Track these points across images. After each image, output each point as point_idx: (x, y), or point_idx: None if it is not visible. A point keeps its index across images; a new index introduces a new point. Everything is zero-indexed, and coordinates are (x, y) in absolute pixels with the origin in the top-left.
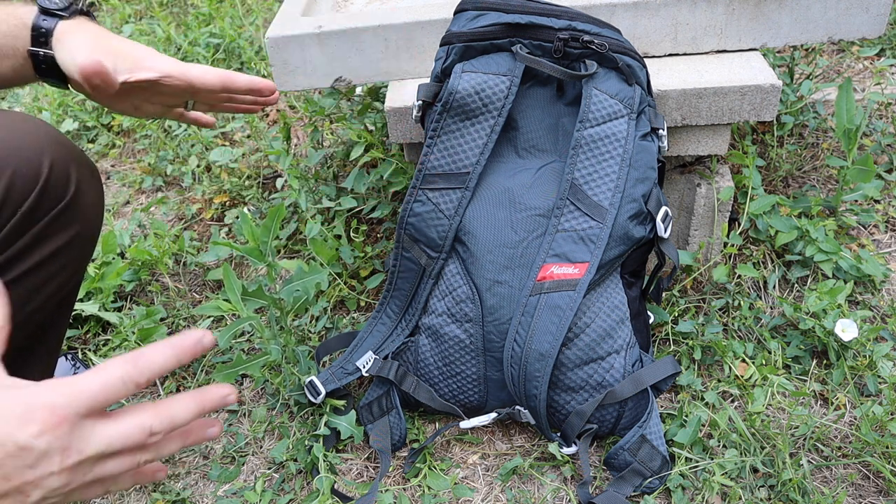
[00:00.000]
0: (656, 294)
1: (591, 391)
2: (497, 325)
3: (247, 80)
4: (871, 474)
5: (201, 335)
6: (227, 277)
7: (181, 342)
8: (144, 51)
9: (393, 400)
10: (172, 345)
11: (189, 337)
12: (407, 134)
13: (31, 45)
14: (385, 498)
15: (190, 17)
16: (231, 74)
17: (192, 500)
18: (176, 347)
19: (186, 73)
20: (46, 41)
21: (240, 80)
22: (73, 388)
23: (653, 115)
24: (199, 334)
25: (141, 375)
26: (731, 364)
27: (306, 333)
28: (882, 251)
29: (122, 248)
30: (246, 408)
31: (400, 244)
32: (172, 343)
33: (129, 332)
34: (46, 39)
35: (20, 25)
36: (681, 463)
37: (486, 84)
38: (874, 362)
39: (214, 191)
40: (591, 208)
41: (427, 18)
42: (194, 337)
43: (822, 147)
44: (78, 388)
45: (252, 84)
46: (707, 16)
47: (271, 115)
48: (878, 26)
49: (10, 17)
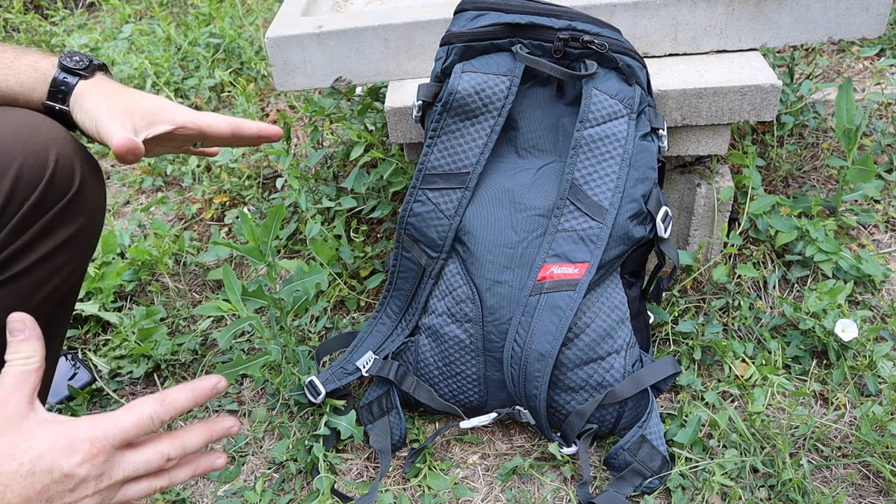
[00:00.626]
0: (656, 294)
1: (591, 391)
2: (497, 325)
3: (255, 128)
4: (871, 474)
5: (216, 381)
6: (227, 277)
7: (200, 386)
8: (158, 103)
9: (393, 400)
10: (193, 389)
11: (207, 382)
12: (407, 134)
13: (48, 99)
14: (385, 498)
15: (190, 17)
16: (240, 123)
17: (192, 500)
18: (196, 391)
19: (199, 122)
20: (64, 99)
21: (249, 128)
22: (110, 423)
23: (653, 115)
24: (215, 380)
25: (166, 414)
26: (731, 364)
27: (306, 333)
28: (882, 251)
29: (122, 248)
30: (246, 408)
31: (400, 244)
32: (193, 388)
33: (129, 332)
34: (64, 97)
35: (40, 79)
36: (681, 463)
37: (486, 84)
38: (874, 362)
39: (214, 191)
40: (591, 208)
41: (427, 18)
42: (211, 382)
43: (822, 147)
44: (113, 422)
45: (260, 132)
46: (707, 16)
47: (271, 115)
48: (878, 26)
49: (30, 69)
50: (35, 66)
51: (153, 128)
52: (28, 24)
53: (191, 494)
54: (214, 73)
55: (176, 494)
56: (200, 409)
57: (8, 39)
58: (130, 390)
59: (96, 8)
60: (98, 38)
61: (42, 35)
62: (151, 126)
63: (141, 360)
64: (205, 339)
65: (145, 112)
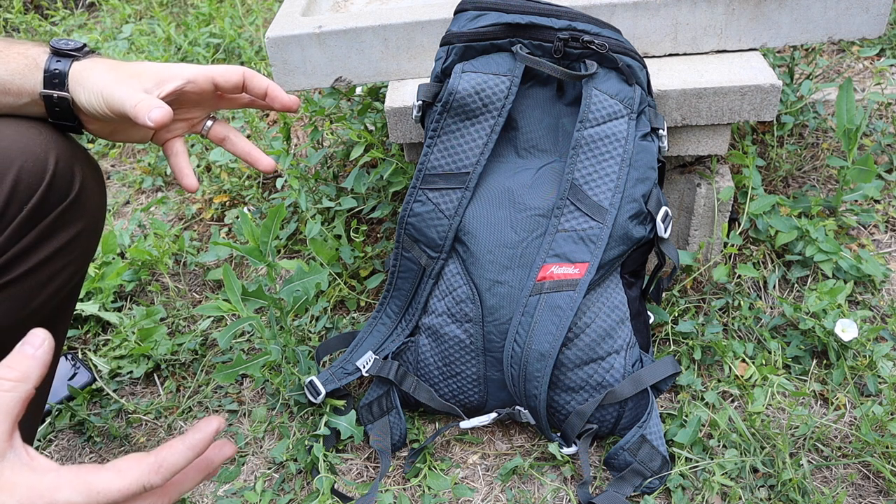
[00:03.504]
0: (656, 294)
1: (591, 391)
2: (497, 325)
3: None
4: (871, 474)
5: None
6: (227, 277)
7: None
8: (162, 66)
9: (393, 400)
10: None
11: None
12: (407, 134)
13: (44, 87)
14: (385, 498)
15: (190, 17)
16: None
17: (192, 500)
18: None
19: (209, 72)
20: (62, 83)
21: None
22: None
23: (653, 115)
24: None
25: (162, 480)
26: (731, 364)
27: (306, 333)
28: (882, 251)
29: (122, 248)
30: (246, 408)
31: (400, 244)
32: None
33: (129, 332)
34: (61, 81)
35: (31, 66)
36: (681, 463)
37: (487, 84)
38: (874, 362)
39: (214, 191)
40: (591, 208)
41: (427, 18)
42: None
43: (822, 147)
44: (97, 489)
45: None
46: (707, 16)
47: (271, 115)
48: (878, 26)
49: (20, 57)
50: (25, 53)
51: (164, 87)
52: (28, 24)
53: (191, 495)
54: None
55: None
56: (200, 410)
57: None
58: (130, 390)
59: (96, 8)
60: (98, 38)
61: (42, 35)
62: (161, 85)
63: (141, 360)
64: (205, 339)
65: (151, 75)
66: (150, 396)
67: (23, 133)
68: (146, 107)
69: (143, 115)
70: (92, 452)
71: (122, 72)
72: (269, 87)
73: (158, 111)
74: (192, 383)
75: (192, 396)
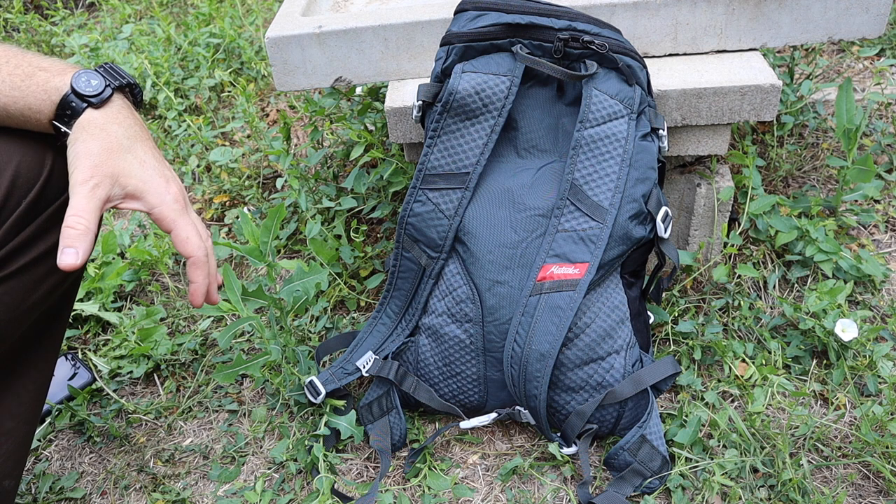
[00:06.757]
0: (656, 294)
1: (591, 391)
2: (497, 326)
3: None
4: (871, 474)
5: None
6: (227, 277)
7: None
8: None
9: (393, 400)
10: None
11: None
12: (407, 134)
13: (55, 119)
14: (385, 498)
15: (190, 17)
16: (194, 270)
17: (192, 500)
18: None
19: (174, 230)
20: (70, 121)
21: (198, 281)
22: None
23: (653, 115)
24: None
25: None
26: (731, 364)
27: (306, 333)
28: (882, 251)
29: (122, 248)
30: (246, 408)
31: (400, 244)
32: None
33: (129, 332)
34: (69, 120)
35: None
36: (681, 463)
37: (487, 84)
38: (874, 362)
39: (214, 191)
40: (591, 208)
41: (427, 18)
42: None
43: (822, 147)
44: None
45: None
46: (707, 16)
47: (271, 115)
48: (878, 26)
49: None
50: (45, 86)
51: (127, 203)
52: (28, 24)
53: (191, 494)
54: (214, 73)
55: (176, 494)
56: (200, 410)
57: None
58: (130, 390)
59: (96, 8)
60: (98, 38)
61: (42, 35)
62: (126, 201)
63: (141, 360)
64: (205, 339)
65: (128, 186)
66: (150, 396)
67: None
68: (64, 244)
69: (60, 246)
70: (92, 452)
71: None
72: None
73: (67, 259)
74: (192, 383)
75: (192, 396)
